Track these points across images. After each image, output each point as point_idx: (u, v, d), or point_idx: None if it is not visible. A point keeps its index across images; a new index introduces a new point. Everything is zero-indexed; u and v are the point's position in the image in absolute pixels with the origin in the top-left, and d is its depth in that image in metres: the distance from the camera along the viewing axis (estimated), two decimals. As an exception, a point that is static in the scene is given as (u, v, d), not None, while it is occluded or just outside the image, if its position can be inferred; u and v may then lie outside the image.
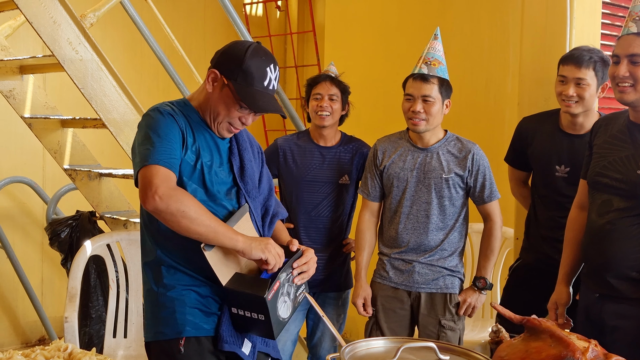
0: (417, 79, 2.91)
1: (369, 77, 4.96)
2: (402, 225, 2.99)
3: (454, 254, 3.01)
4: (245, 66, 2.06)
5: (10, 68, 3.50)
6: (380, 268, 3.08)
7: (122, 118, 3.15)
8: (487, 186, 2.99)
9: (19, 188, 4.89)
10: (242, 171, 2.22)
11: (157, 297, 2.14)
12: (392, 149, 3.04)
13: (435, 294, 2.99)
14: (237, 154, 2.23)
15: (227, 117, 2.11)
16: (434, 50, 2.96)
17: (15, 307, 4.97)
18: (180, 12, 5.56)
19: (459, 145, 3.00)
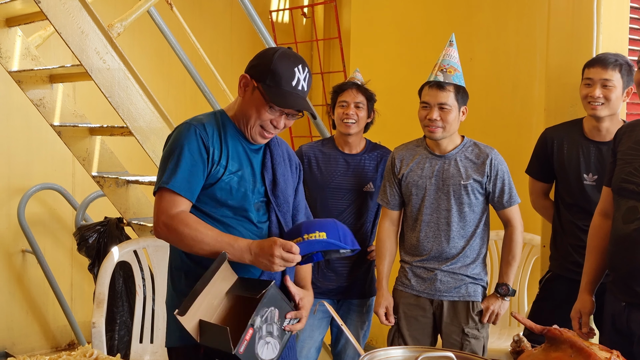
0: (433, 87, 2.91)
1: (395, 83, 4.95)
2: (423, 233, 2.98)
3: (476, 261, 2.99)
4: (272, 67, 2.09)
5: (41, 77, 3.56)
6: (402, 276, 3.07)
7: (148, 126, 3.19)
8: (506, 191, 2.97)
9: (50, 194, 4.98)
10: (274, 185, 2.22)
11: (176, 303, 2.16)
12: (410, 156, 3.04)
13: (457, 302, 2.98)
14: (269, 167, 2.23)
15: (258, 120, 2.12)
16: (450, 57, 2.95)
17: (45, 312, 5.04)
18: (207, 20, 5.62)
19: (477, 150, 2.99)
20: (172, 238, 2.07)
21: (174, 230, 2.04)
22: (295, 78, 2.10)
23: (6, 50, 3.52)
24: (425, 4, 4.86)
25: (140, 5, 3.24)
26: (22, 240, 4.83)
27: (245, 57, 5.73)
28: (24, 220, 4.72)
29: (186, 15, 5.27)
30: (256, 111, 2.12)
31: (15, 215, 4.75)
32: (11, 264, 4.90)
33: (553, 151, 3.13)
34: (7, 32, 3.53)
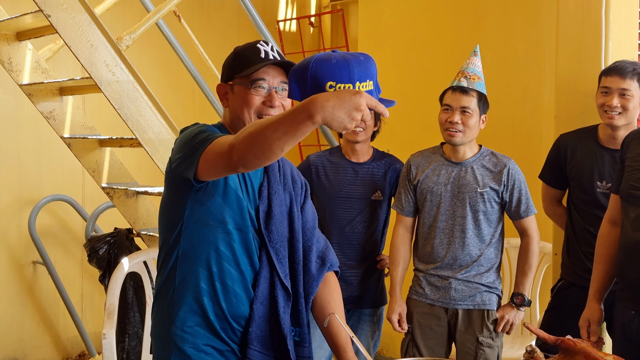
0: (456, 91, 2.92)
1: (403, 91, 4.95)
2: (438, 241, 2.97)
3: (490, 270, 2.98)
4: (235, 58, 2.01)
5: (51, 90, 3.58)
6: (416, 284, 3.06)
7: (157, 137, 3.20)
8: (523, 201, 2.96)
9: (60, 206, 4.99)
10: (268, 217, 2.04)
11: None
12: (426, 163, 3.03)
13: (472, 311, 2.96)
14: (265, 197, 2.05)
15: (251, 109, 1.98)
16: (474, 66, 2.97)
17: (56, 323, 5.05)
18: (215, 30, 5.64)
19: (494, 159, 2.98)
20: (249, 152, 1.67)
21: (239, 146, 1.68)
22: (262, 51, 1.98)
23: (17, 64, 3.55)
24: (432, 11, 4.87)
25: (149, 18, 3.26)
26: (33, 251, 4.85)
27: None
28: (34, 232, 4.74)
29: (194, 25, 5.30)
30: (244, 102, 1.98)
31: (26, 227, 4.77)
32: (22, 275, 4.91)
33: (566, 158, 3.12)
34: (18, 46, 3.56)
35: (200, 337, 1.99)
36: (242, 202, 1.99)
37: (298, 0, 6.29)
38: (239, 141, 1.69)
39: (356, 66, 1.68)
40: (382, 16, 5.19)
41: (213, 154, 1.79)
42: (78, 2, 2.92)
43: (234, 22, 5.72)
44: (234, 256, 1.99)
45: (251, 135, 1.65)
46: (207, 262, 1.98)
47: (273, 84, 1.98)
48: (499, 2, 4.45)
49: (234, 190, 1.98)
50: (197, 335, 1.99)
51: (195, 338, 1.99)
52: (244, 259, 2.01)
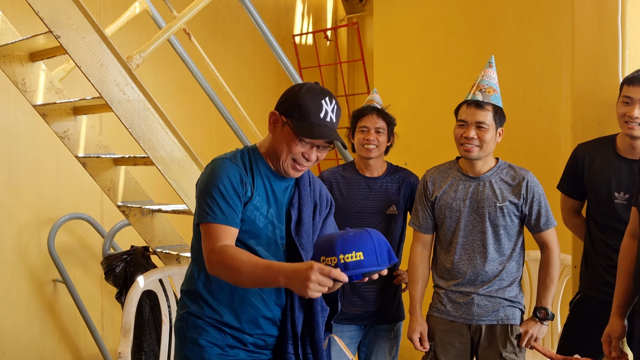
0: (471, 105, 2.85)
1: (419, 104, 4.92)
2: (458, 256, 2.93)
3: (513, 284, 2.93)
4: (300, 101, 2.13)
5: (65, 110, 3.61)
6: (437, 301, 3.02)
7: (169, 156, 3.19)
8: (542, 214, 2.91)
9: (79, 224, 5.03)
10: (299, 225, 2.23)
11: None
12: (442, 179, 2.99)
13: (495, 326, 2.91)
14: (296, 207, 2.25)
15: (290, 154, 2.16)
16: (489, 78, 2.90)
17: (77, 340, 5.07)
18: (230, 46, 5.66)
19: (512, 172, 2.93)
20: (218, 273, 2.08)
21: (216, 265, 2.07)
22: (323, 110, 2.13)
23: (31, 85, 3.58)
24: (447, 23, 4.84)
25: (159, 37, 3.26)
26: (53, 269, 4.88)
27: (268, 81, 5.85)
28: (54, 250, 4.77)
29: (209, 41, 5.33)
30: (287, 145, 2.15)
31: (45, 246, 4.80)
32: (42, 293, 4.94)
33: (584, 168, 3.06)
34: (31, 67, 3.59)
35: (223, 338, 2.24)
36: (264, 225, 2.20)
37: (314, 14, 6.30)
38: (219, 265, 2.05)
39: (339, 242, 2.01)
40: (397, 28, 5.18)
41: (206, 237, 2.12)
42: (87, 22, 2.93)
43: (249, 38, 5.73)
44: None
45: (230, 270, 2.03)
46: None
47: (318, 142, 2.16)
48: (515, 11, 4.41)
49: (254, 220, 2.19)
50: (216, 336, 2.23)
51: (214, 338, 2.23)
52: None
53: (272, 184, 2.23)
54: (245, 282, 2.04)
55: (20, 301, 4.83)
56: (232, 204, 2.11)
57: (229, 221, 2.10)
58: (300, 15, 6.23)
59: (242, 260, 2.01)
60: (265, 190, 2.21)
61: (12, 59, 3.54)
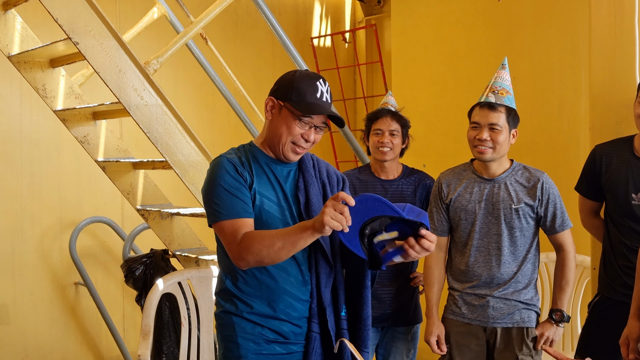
0: (484, 107, 2.86)
1: (437, 105, 4.91)
2: (473, 259, 2.92)
3: (528, 287, 2.92)
4: (296, 85, 2.18)
5: (84, 115, 3.65)
6: (452, 304, 3.01)
7: (186, 159, 3.23)
8: (558, 215, 2.90)
9: (100, 227, 5.08)
10: (308, 206, 2.25)
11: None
12: (457, 181, 2.98)
13: (511, 329, 2.90)
14: (303, 189, 2.27)
15: (290, 137, 2.19)
16: (502, 80, 2.90)
17: (99, 343, 5.13)
18: (249, 49, 5.69)
19: (527, 174, 2.92)
20: (250, 261, 2.09)
21: (245, 255, 2.08)
22: (319, 91, 2.19)
23: (51, 90, 3.63)
24: (466, 23, 4.82)
25: (176, 42, 3.29)
26: (75, 273, 4.94)
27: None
28: (75, 254, 4.83)
29: (228, 45, 5.37)
30: (287, 128, 2.18)
31: (67, 249, 4.87)
32: (65, 296, 5.00)
33: (601, 169, 3.03)
34: (52, 73, 3.64)
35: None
36: (275, 212, 2.21)
37: (332, 17, 6.31)
38: (248, 254, 2.08)
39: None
40: (415, 30, 5.17)
41: (224, 236, 2.14)
42: (105, 28, 2.97)
43: (268, 41, 5.76)
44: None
45: (261, 251, 2.05)
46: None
47: (316, 122, 2.20)
48: (533, 12, 4.38)
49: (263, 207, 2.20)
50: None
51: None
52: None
53: (274, 170, 2.25)
54: (282, 252, 2.05)
55: (43, 304, 4.89)
56: (239, 195, 2.14)
57: (241, 213, 2.13)
58: (319, 17, 6.25)
59: (267, 234, 2.07)
60: (268, 177, 2.23)
61: (32, 65, 3.60)
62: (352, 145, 4.04)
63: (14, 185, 4.76)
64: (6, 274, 4.74)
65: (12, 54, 3.59)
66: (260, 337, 2.22)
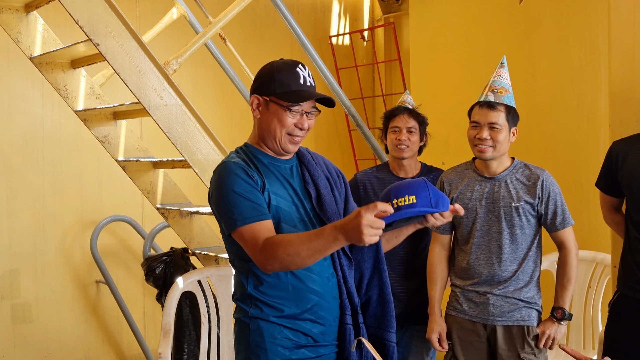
0: (483, 106, 2.89)
1: (456, 103, 4.88)
2: (474, 256, 2.94)
3: (529, 285, 2.93)
4: (276, 77, 2.14)
5: (105, 115, 3.69)
6: (454, 300, 3.03)
7: (205, 159, 3.25)
8: (559, 213, 2.90)
9: (121, 226, 5.13)
10: (320, 199, 2.23)
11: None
12: (459, 180, 3.01)
13: (512, 327, 2.91)
14: (311, 182, 2.25)
15: (284, 129, 2.15)
16: (501, 79, 2.93)
17: (120, 341, 5.18)
18: (268, 48, 5.71)
19: (527, 172, 2.93)
20: (275, 267, 2.03)
21: (269, 261, 2.02)
22: (301, 77, 2.15)
23: (72, 91, 3.67)
24: (484, 21, 4.80)
25: (195, 42, 3.32)
26: (96, 271, 4.99)
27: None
28: (96, 252, 4.88)
29: (247, 44, 5.39)
30: (279, 121, 2.14)
31: (88, 247, 4.92)
32: (86, 294, 5.06)
33: (618, 165, 3.02)
34: (73, 73, 3.68)
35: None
36: (290, 209, 2.18)
37: (350, 15, 6.32)
38: (273, 260, 2.01)
39: (394, 189, 2.08)
40: (433, 28, 5.16)
41: (245, 243, 2.08)
42: (126, 30, 3.00)
43: (286, 39, 5.77)
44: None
45: (285, 257, 1.99)
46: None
47: (306, 108, 2.17)
48: (552, 9, 4.36)
49: (280, 207, 2.16)
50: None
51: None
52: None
53: (277, 168, 2.21)
54: (307, 259, 1.98)
55: (65, 302, 4.95)
56: (253, 198, 2.08)
57: (259, 216, 2.07)
58: (337, 16, 6.25)
59: (292, 240, 1.99)
60: (275, 175, 2.19)
61: (54, 66, 3.64)
62: (370, 144, 4.05)
63: (36, 185, 4.82)
64: (29, 272, 4.80)
65: (34, 56, 3.63)
66: (289, 341, 2.16)
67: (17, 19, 3.58)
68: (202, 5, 4.03)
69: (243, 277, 2.21)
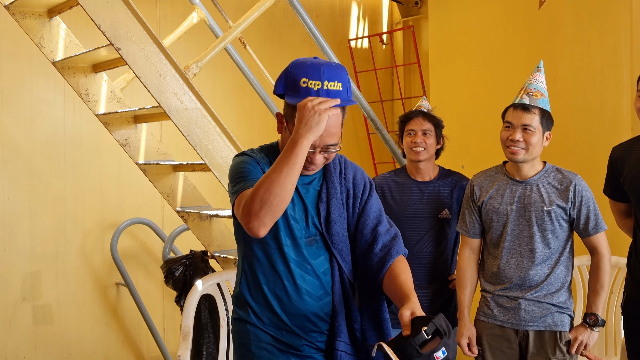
0: (517, 108, 2.87)
1: (476, 106, 4.87)
2: (505, 261, 2.91)
3: (561, 289, 2.90)
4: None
5: (126, 118, 3.71)
6: (484, 306, 3.01)
7: (225, 162, 3.26)
8: (591, 218, 2.87)
9: (140, 229, 5.16)
10: (328, 222, 2.18)
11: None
12: (489, 183, 2.99)
13: (544, 332, 2.89)
14: (325, 202, 2.19)
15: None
16: (537, 82, 2.91)
17: (139, 343, 5.20)
18: (287, 52, 5.72)
19: (560, 176, 2.91)
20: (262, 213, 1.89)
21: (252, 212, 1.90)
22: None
23: (93, 95, 3.70)
24: (504, 23, 4.77)
25: (214, 46, 3.34)
26: (116, 273, 5.03)
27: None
28: (116, 254, 4.91)
29: (266, 47, 5.40)
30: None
31: (108, 250, 4.95)
32: (106, 296, 5.09)
33: (618, 169, 2.99)
34: (94, 78, 3.71)
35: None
36: (291, 224, 2.13)
37: (369, 18, 6.31)
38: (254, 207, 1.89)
39: (326, 69, 1.99)
40: (453, 31, 5.14)
41: (237, 211, 1.98)
42: (146, 34, 3.02)
43: (305, 42, 5.78)
44: (290, 271, 2.14)
45: (263, 195, 1.88)
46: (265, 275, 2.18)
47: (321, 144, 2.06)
48: (573, 11, 4.32)
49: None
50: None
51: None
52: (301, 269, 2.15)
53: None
54: (286, 182, 1.88)
55: (85, 304, 4.99)
56: (256, 174, 2.04)
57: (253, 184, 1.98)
58: (356, 19, 6.25)
59: (263, 178, 1.92)
60: None
61: (76, 70, 3.67)
62: (389, 147, 4.04)
63: (58, 188, 4.86)
64: (50, 274, 4.84)
65: (56, 60, 3.67)
66: (273, 347, 2.17)
67: (40, 24, 3.62)
68: (222, 9, 4.05)
69: (239, 273, 2.23)
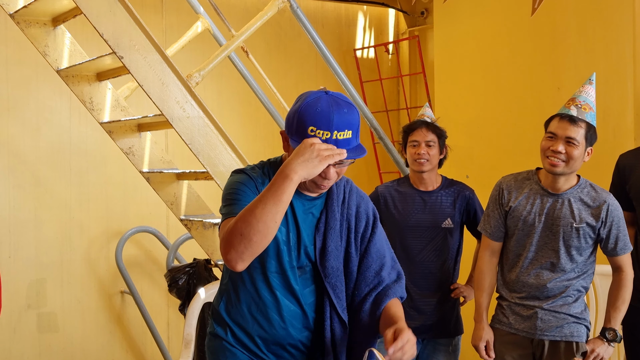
0: (564, 119, 2.76)
1: (481, 116, 4.87)
2: (525, 270, 2.87)
3: (579, 300, 2.87)
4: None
5: (129, 127, 3.73)
6: (500, 313, 2.98)
7: (227, 170, 3.27)
8: (620, 239, 2.83)
9: (145, 237, 5.17)
10: (322, 254, 2.07)
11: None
12: (519, 189, 2.91)
13: (559, 342, 2.85)
14: (322, 233, 2.07)
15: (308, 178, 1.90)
16: (587, 95, 2.82)
17: (144, 351, 5.21)
18: (292, 61, 5.74)
19: (593, 193, 2.84)
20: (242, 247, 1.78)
21: (232, 238, 1.79)
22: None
23: (97, 103, 3.72)
24: (509, 34, 4.78)
25: (217, 55, 3.35)
26: (121, 281, 5.04)
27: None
28: (121, 263, 4.92)
29: (271, 56, 5.42)
30: None
31: (113, 258, 4.96)
32: (111, 304, 5.10)
33: (625, 178, 2.98)
34: (98, 86, 3.73)
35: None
36: (281, 250, 2.03)
37: (375, 28, 6.33)
38: (233, 238, 1.78)
39: (337, 117, 1.86)
40: (458, 41, 5.14)
41: (220, 234, 1.88)
42: (149, 43, 3.04)
43: (310, 52, 5.79)
44: (274, 298, 2.06)
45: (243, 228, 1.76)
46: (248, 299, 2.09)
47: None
48: (577, 22, 4.32)
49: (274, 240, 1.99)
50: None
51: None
52: (285, 298, 2.07)
53: (293, 203, 2.02)
54: (268, 219, 1.75)
55: (90, 312, 5.00)
56: (246, 200, 1.92)
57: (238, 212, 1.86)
58: (362, 29, 6.26)
59: (245, 210, 1.79)
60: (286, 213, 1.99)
61: (80, 79, 3.69)
62: (392, 157, 4.05)
63: (63, 196, 4.88)
64: (55, 282, 4.86)
65: (61, 68, 3.69)
66: None
67: (44, 32, 3.65)
68: (224, 18, 4.07)
69: (220, 290, 2.16)
